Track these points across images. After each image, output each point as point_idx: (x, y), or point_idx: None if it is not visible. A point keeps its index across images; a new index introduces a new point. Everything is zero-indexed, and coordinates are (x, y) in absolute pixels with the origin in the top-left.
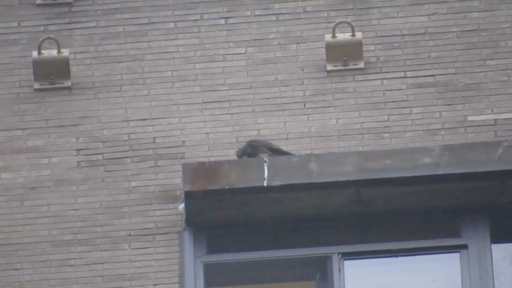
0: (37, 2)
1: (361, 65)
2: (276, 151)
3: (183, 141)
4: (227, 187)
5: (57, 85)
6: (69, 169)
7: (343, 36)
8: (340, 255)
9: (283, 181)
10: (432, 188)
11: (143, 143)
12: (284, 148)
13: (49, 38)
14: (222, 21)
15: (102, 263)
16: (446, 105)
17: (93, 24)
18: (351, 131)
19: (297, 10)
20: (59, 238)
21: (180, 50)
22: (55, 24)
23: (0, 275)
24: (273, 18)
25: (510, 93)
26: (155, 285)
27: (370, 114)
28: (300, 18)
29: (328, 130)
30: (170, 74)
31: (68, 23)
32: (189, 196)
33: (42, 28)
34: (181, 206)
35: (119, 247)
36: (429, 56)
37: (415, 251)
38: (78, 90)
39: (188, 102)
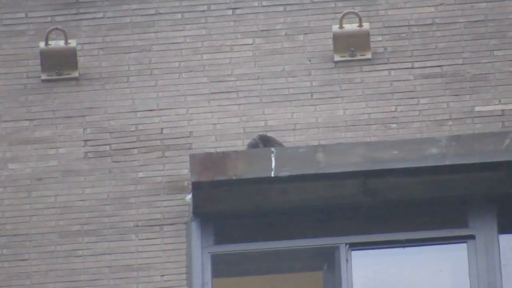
0: None
1: (369, 55)
2: None
3: (191, 132)
4: (234, 178)
5: (64, 76)
6: (76, 160)
7: (351, 26)
8: (347, 246)
9: (290, 171)
10: (440, 178)
11: (151, 134)
12: (291, 139)
13: (57, 28)
14: (230, 12)
15: (110, 254)
16: (454, 95)
17: (101, 14)
18: (358, 122)
19: (305, 0)
20: (67, 228)
21: (188, 40)
22: (62, 14)
23: (7, 266)
24: (281, 8)
25: None
26: (162, 275)
27: (377, 104)
28: (308, 9)
29: (335, 120)
30: (178, 65)
31: (76, 13)
32: (196, 187)
33: (49, 18)
34: (189, 196)
35: (126, 237)
36: (436, 47)
37: (422, 242)
38: (85, 81)
39: (195, 92)
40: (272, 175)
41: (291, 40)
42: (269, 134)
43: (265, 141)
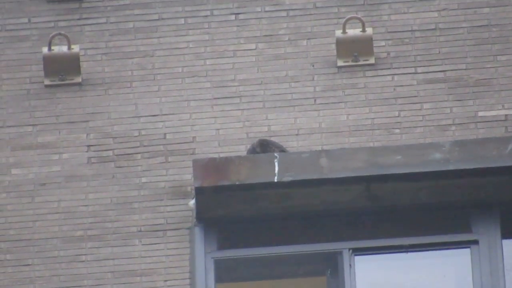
0: None
1: (372, 60)
2: None
3: (194, 137)
4: (237, 183)
5: (68, 81)
6: (79, 165)
7: (354, 31)
8: (350, 251)
9: (293, 176)
10: (443, 183)
11: (154, 139)
12: (294, 144)
13: (60, 34)
14: (233, 17)
15: (113, 259)
16: (457, 100)
17: (103, 20)
18: (361, 127)
19: (308, 5)
20: (70, 234)
21: (191, 46)
22: (65, 20)
23: (11, 271)
24: (284, 14)
25: None
26: (165, 281)
27: (380, 109)
28: (311, 14)
29: (338, 126)
30: (181, 70)
31: (79, 19)
32: (199, 192)
33: (52, 24)
34: (192, 202)
35: (129, 243)
36: (439, 52)
37: (425, 247)
38: (88, 86)
39: (198, 98)
40: (275, 180)
41: (294, 45)
42: (272, 139)
43: (263, 146)
